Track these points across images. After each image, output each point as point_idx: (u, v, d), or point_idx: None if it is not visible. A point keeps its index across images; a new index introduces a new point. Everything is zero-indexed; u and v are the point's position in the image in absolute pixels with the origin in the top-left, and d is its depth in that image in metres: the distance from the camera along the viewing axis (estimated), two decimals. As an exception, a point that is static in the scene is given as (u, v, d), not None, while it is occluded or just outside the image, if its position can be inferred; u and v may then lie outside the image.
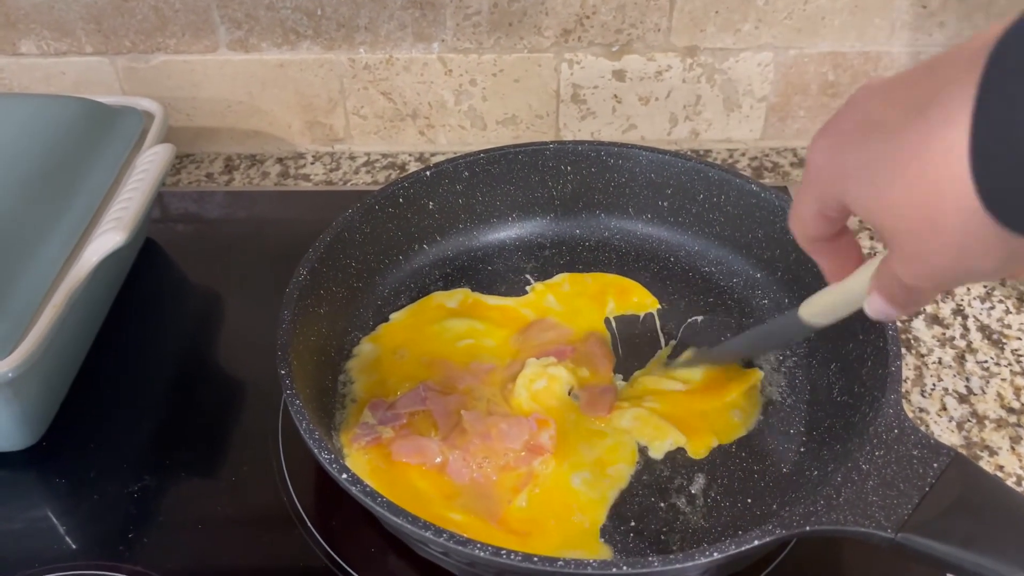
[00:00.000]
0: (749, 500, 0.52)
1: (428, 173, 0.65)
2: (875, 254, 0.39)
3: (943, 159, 0.29)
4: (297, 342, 0.54)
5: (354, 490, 0.44)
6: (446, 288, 0.66)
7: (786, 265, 0.63)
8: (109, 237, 0.54)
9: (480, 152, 0.67)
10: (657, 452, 0.54)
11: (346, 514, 0.52)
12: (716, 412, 0.56)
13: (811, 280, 0.60)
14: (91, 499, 0.54)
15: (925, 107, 0.30)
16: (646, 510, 0.51)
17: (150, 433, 0.58)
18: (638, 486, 0.53)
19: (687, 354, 0.59)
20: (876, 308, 0.38)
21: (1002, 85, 0.27)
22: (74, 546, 0.52)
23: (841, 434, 0.52)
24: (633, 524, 0.51)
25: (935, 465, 0.43)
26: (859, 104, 0.34)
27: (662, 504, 0.52)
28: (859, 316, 0.54)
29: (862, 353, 0.54)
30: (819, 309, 0.46)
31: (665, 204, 0.68)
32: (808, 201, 0.37)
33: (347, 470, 0.45)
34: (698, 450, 0.54)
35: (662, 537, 0.50)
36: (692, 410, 0.56)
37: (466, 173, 0.67)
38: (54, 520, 0.53)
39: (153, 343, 0.65)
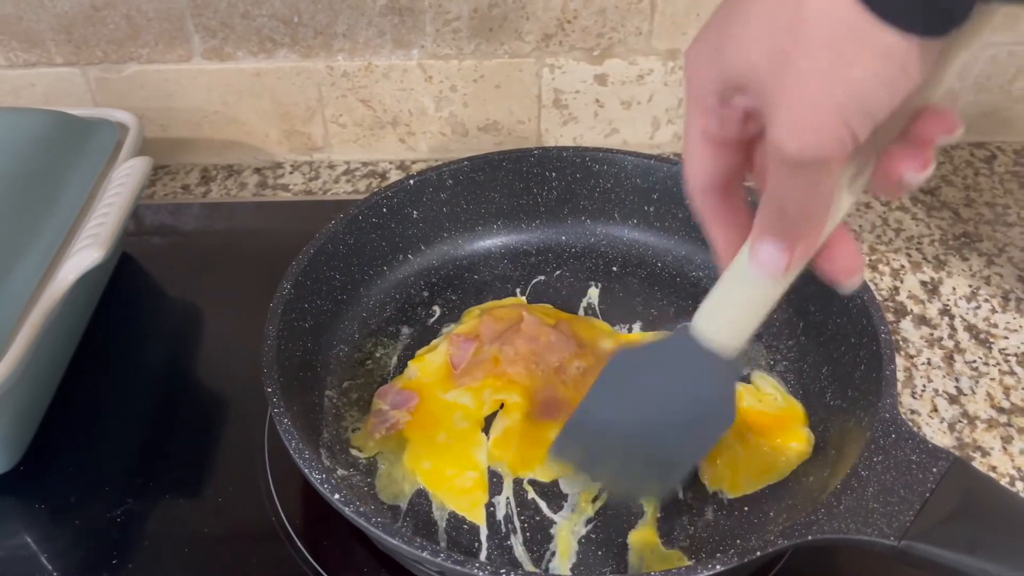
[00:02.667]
0: (746, 508, 0.51)
1: (412, 182, 0.64)
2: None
3: None
4: (283, 358, 0.53)
5: (347, 511, 0.43)
6: (431, 296, 0.65)
7: (774, 269, 0.62)
8: (86, 254, 0.53)
9: (464, 159, 0.66)
10: None
11: (337, 533, 0.51)
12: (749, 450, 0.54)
13: (801, 285, 0.59)
14: (72, 525, 0.52)
15: None
16: (643, 521, 0.51)
17: (132, 454, 0.57)
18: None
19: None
20: (762, 254, 0.34)
21: None
22: (56, 574, 0.50)
23: (836, 439, 0.52)
24: (630, 536, 0.50)
25: (934, 470, 0.43)
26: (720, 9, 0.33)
27: (657, 516, 0.51)
28: (850, 320, 0.55)
29: (855, 357, 0.53)
30: (718, 313, 0.39)
31: (651, 209, 0.67)
32: (694, 118, 0.35)
33: (340, 490, 0.44)
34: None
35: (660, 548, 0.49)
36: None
37: (450, 181, 0.66)
38: (34, 548, 0.51)
39: (132, 360, 0.64)
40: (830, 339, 0.57)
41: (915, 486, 0.43)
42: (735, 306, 0.39)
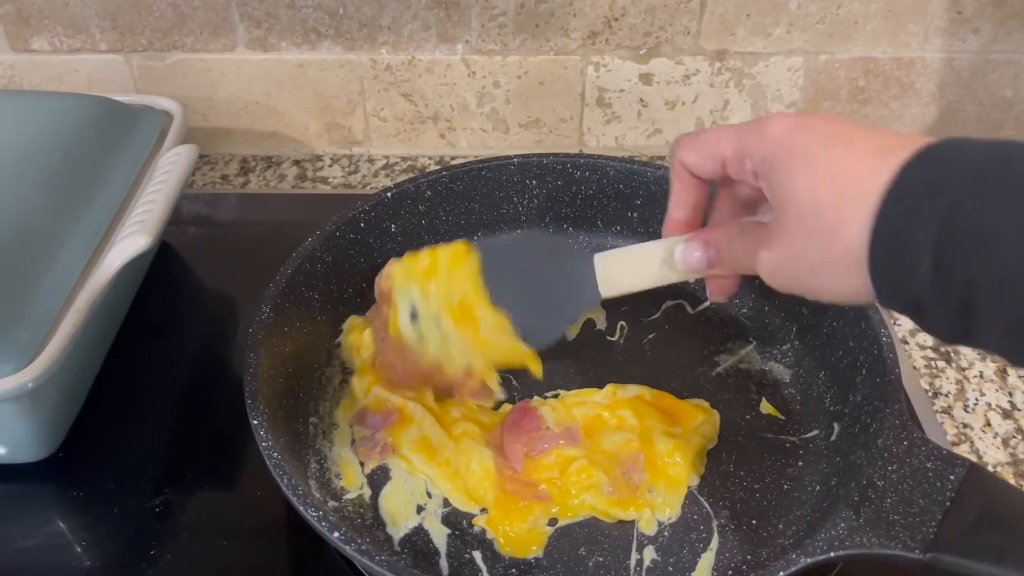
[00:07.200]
0: (753, 521, 0.49)
1: (389, 195, 0.62)
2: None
3: (866, 201, 0.34)
4: (266, 388, 0.49)
5: (348, 549, 0.41)
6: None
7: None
8: (133, 240, 0.52)
9: (442, 170, 0.64)
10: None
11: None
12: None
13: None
14: (110, 513, 0.52)
15: (885, 152, 0.34)
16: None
17: (170, 443, 0.56)
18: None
19: None
20: (690, 252, 0.44)
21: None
22: (91, 563, 0.50)
23: (840, 445, 0.51)
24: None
25: (952, 477, 0.42)
26: (831, 117, 0.38)
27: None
28: (847, 323, 0.53)
29: (854, 361, 0.52)
30: (620, 264, 0.48)
31: (635, 215, 0.65)
32: (726, 141, 0.41)
33: (338, 528, 0.42)
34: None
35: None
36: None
37: (428, 192, 0.64)
38: (70, 536, 0.51)
39: (170, 349, 0.63)
40: (826, 343, 0.56)
41: (934, 495, 0.41)
42: (635, 267, 0.48)
